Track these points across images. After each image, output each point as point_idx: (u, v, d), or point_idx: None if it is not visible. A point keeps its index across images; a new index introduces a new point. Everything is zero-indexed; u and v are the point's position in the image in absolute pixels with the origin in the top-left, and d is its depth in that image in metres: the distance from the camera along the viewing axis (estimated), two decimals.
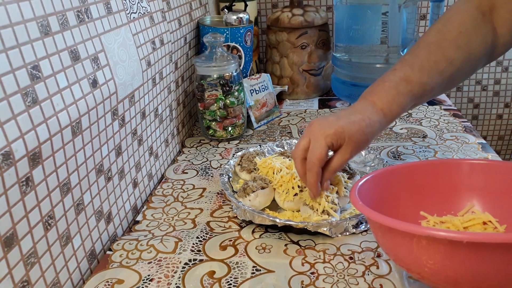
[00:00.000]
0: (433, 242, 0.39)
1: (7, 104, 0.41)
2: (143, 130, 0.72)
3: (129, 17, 0.67)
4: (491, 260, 0.38)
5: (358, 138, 0.56)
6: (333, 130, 0.55)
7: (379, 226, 0.45)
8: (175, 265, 0.55)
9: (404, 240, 0.42)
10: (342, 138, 0.56)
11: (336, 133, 0.55)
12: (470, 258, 0.39)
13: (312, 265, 0.54)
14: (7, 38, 0.42)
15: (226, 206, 0.69)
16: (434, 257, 0.40)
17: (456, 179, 0.56)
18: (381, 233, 0.46)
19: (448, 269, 0.40)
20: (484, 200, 0.54)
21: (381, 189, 0.54)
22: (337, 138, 0.56)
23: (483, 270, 0.39)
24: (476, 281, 0.40)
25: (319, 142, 0.55)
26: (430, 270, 0.41)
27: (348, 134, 0.55)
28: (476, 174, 0.55)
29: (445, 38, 0.61)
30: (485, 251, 0.38)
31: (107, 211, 0.61)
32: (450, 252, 0.39)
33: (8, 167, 0.41)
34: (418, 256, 0.41)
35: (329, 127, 0.56)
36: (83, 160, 0.54)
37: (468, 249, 0.38)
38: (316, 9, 1.13)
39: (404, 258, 0.44)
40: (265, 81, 1.02)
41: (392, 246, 0.45)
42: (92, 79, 0.55)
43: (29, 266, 0.45)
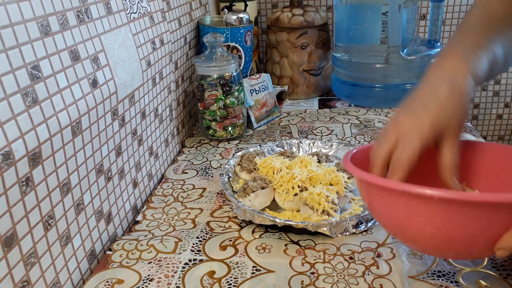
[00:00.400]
0: (417, 200, 0.41)
1: (7, 104, 0.41)
2: (143, 130, 0.72)
3: (129, 17, 0.67)
4: (469, 218, 0.40)
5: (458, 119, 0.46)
6: (428, 125, 0.45)
7: (372, 188, 0.45)
8: (175, 265, 0.55)
9: (393, 199, 0.43)
10: (442, 129, 0.46)
11: (434, 128, 0.45)
12: (448, 216, 0.40)
13: (312, 265, 0.54)
14: (7, 38, 0.42)
15: (226, 206, 0.69)
16: (416, 215, 0.42)
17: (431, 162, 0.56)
18: (375, 197, 0.46)
19: (435, 229, 0.41)
20: (473, 179, 0.55)
21: None
22: (435, 133, 0.45)
23: (465, 228, 0.40)
24: (464, 239, 0.41)
25: (412, 141, 0.45)
26: (427, 232, 0.42)
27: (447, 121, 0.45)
28: (466, 154, 0.54)
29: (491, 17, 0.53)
30: (458, 209, 0.39)
31: (107, 211, 0.61)
32: (431, 209, 0.40)
33: (8, 167, 0.41)
34: (410, 216, 0.42)
35: (422, 122, 0.45)
36: (83, 160, 0.54)
37: (445, 207, 0.40)
38: (316, 9, 1.13)
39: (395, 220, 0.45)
40: (265, 81, 1.02)
41: (386, 211, 0.46)
42: (92, 79, 0.55)
43: (29, 266, 0.45)
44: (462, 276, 0.51)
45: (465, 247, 0.43)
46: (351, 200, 0.66)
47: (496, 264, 0.52)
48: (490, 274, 0.51)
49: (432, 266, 0.53)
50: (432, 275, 0.51)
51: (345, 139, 0.89)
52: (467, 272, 0.51)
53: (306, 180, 0.65)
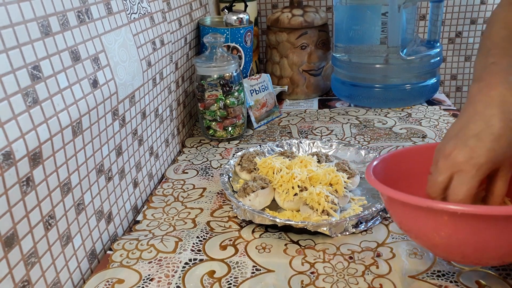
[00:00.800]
0: (442, 215, 0.43)
1: (8, 104, 0.41)
2: (144, 130, 0.72)
3: (129, 18, 0.67)
4: (490, 231, 0.42)
5: (511, 149, 0.44)
6: (485, 158, 0.43)
7: (400, 205, 0.47)
8: (175, 264, 0.55)
9: (426, 217, 0.45)
10: (497, 163, 0.44)
11: (490, 161, 0.44)
12: (471, 229, 0.42)
13: (312, 264, 0.54)
14: (8, 38, 0.42)
15: (226, 206, 0.69)
16: (445, 229, 0.44)
17: None
18: (402, 212, 0.48)
19: (458, 241, 0.44)
20: None
21: (394, 170, 0.55)
22: (492, 166, 0.44)
23: (485, 241, 0.42)
24: (480, 252, 0.44)
25: (469, 176, 0.44)
26: (442, 241, 0.44)
27: (502, 153, 0.44)
28: None
29: None
30: (483, 223, 0.41)
31: (107, 211, 0.61)
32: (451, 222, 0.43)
33: (8, 167, 0.41)
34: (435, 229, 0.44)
35: (478, 154, 0.44)
36: (83, 160, 0.54)
37: (469, 221, 0.42)
38: (316, 9, 1.13)
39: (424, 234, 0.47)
40: (265, 81, 1.02)
41: (416, 226, 0.48)
42: (92, 79, 0.55)
43: (29, 266, 0.45)
44: (461, 275, 0.51)
45: (478, 257, 0.45)
46: (350, 200, 0.66)
47: None
48: (489, 274, 0.51)
49: (432, 266, 0.53)
50: (432, 274, 0.51)
51: (345, 139, 0.89)
52: (467, 272, 0.52)
53: (306, 180, 0.65)
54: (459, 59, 1.43)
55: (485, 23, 1.34)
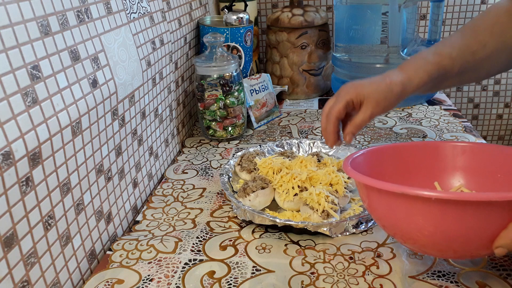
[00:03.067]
0: (412, 201, 0.42)
1: (7, 104, 0.41)
2: (143, 130, 0.72)
3: (129, 17, 0.67)
4: (463, 218, 0.41)
5: (376, 96, 0.60)
6: (353, 89, 0.61)
7: (371, 190, 0.47)
8: (175, 265, 0.55)
9: (392, 201, 0.44)
10: (362, 95, 0.61)
11: (355, 92, 0.61)
12: (445, 216, 0.41)
13: (312, 265, 0.54)
14: (7, 38, 0.42)
15: (226, 206, 0.69)
16: (415, 216, 0.43)
17: (444, 160, 0.57)
18: (374, 199, 0.47)
19: (433, 228, 0.43)
20: (471, 179, 0.56)
21: (371, 167, 0.55)
22: (355, 96, 0.61)
23: (460, 228, 0.41)
24: (458, 239, 0.42)
25: (340, 98, 0.62)
26: (423, 233, 0.44)
27: (367, 91, 0.61)
28: (464, 155, 0.56)
29: (480, 24, 0.64)
30: (455, 209, 0.41)
31: (107, 211, 0.61)
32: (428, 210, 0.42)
33: (8, 167, 0.41)
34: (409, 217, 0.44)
35: (351, 86, 0.62)
36: (83, 160, 0.54)
37: (441, 207, 0.41)
38: (316, 9, 1.13)
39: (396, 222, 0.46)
40: (265, 81, 1.02)
41: (386, 213, 0.47)
42: (92, 79, 0.55)
43: (29, 266, 0.45)
44: (462, 276, 0.51)
45: (463, 246, 0.43)
46: (351, 200, 0.66)
47: (496, 264, 0.52)
48: (490, 274, 0.51)
49: (432, 266, 0.53)
50: (432, 275, 0.51)
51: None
52: (467, 272, 0.51)
53: (306, 180, 0.65)
54: None
55: None
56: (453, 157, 0.57)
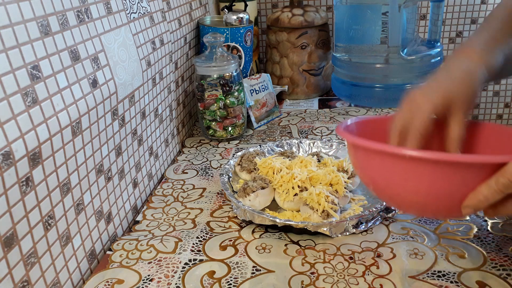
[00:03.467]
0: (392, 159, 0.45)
1: (7, 104, 0.41)
2: (143, 130, 0.72)
3: (129, 17, 0.67)
4: (439, 176, 0.43)
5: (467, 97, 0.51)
6: (440, 95, 0.50)
7: (361, 151, 0.49)
8: (175, 265, 0.55)
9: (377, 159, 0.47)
10: (450, 101, 0.51)
11: (443, 97, 0.50)
12: (422, 174, 0.44)
13: (312, 265, 0.54)
14: (7, 38, 0.42)
15: (226, 206, 0.69)
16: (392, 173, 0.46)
17: (435, 135, 0.56)
18: (360, 159, 0.50)
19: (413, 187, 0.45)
20: None
21: (363, 135, 0.54)
22: (444, 102, 0.50)
23: (436, 185, 0.44)
24: (436, 197, 0.45)
25: (424, 108, 0.50)
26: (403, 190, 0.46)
27: (456, 95, 0.51)
28: None
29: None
30: (431, 168, 0.43)
31: (107, 211, 0.61)
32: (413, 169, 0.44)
33: (8, 167, 0.41)
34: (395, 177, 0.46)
35: (434, 92, 0.51)
36: (83, 160, 0.54)
37: (419, 166, 0.43)
38: (316, 9, 1.13)
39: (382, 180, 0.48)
40: (265, 81, 1.02)
41: (370, 171, 0.49)
42: (92, 79, 0.55)
43: (29, 266, 0.45)
44: (462, 276, 0.51)
45: (438, 205, 0.46)
46: (351, 200, 0.66)
47: (496, 264, 0.52)
48: (490, 274, 0.51)
49: (432, 266, 0.53)
50: (432, 275, 0.51)
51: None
52: (467, 272, 0.51)
53: (306, 180, 0.65)
54: None
55: None
56: (444, 132, 0.56)
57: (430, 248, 0.56)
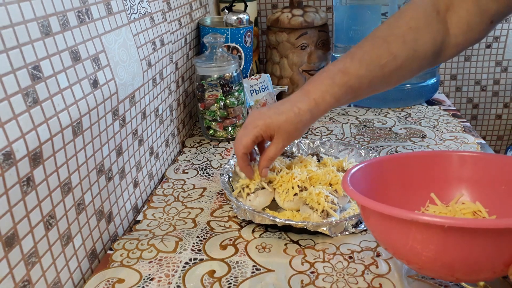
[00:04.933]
0: (420, 227, 0.40)
1: (8, 104, 0.41)
2: (144, 130, 0.72)
3: (129, 18, 0.67)
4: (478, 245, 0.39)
5: (287, 127, 0.59)
6: (262, 121, 0.60)
7: (372, 214, 0.45)
8: (175, 264, 0.56)
9: (398, 227, 0.42)
10: (271, 129, 0.60)
11: (264, 124, 0.60)
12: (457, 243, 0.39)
13: (312, 264, 0.54)
14: (8, 39, 0.42)
15: (226, 205, 0.69)
16: (425, 242, 0.40)
17: (446, 170, 0.56)
18: (374, 221, 0.45)
19: (441, 255, 0.40)
20: (473, 190, 0.54)
21: (372, 179, 0.53)
22: (265, 129, 0.60)
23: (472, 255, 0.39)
24: (469, 266, 0.40)
25: (247, 131, 0.60)
26: (425, 257, 0.41)
27: (277, 124, 0.59)
28: (466, 165, 0.55)
29: (393, 32, 0.60)
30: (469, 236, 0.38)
31: (107, 211, 0.61)
32: (438, 237, 0.39)
33: (9, 167, 0.41)
34: (411, 243, 0.41)
35: (259, 118, 0.60)
36: (84, 160, 0.54)
37: (453, 234, 0.38)
38: (316, 9, 1.13)
39: (400, 248, 0.44)
40: (265, 82, 1.02)
41: (386, 235, 0.45)
42: (92, 79, 0.55)
43: (30, 265, 0.45)
44: None
45: (469, 273, 0.42)
46: (350, 200, 0.66)
47: None
48: None
49: None
50: None
51: (345, 139, 0.89)
52: None
53: (306, 180, 0.65)
54: (458, 59, 1.43)
55: None
56: (455, 167, 0.55)
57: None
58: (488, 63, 1.43)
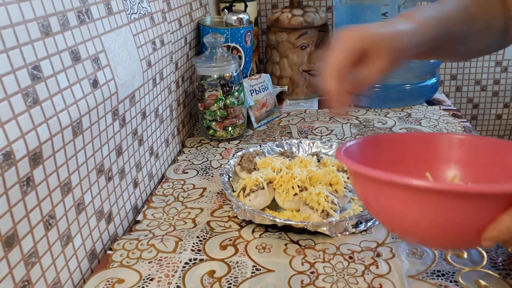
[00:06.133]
0: (400, 190, 0.42)
1: (8, 104, 0.41)
2: (144, 130, 0.72)
3: (129, 18, 0.67)
4: (453, 209, 0.40)
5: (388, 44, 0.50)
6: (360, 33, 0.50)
7: (359, 178, 0.46)
8: (175, 264, 0.55)
9: (387, 191, 0.43)
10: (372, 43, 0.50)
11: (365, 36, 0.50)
12: (434, 206, 0.41)
13: (312, 264, 0.54)
14: (8, 38, 0.42)
15: (226, 206, 0.69)
16: (405, 205, 0.43)
17: (441, 151, 0.56)
18: (361, 187, 0.47)
19: (419, 219, 0.42)
20: (467, 172, 0.54)
21: (366, 155, 0.53)
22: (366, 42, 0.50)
23: (449, 219, 0.41)
24: (446, 230, 0.42)
25: (344, 45, 0.50)
26: (408, 223, 0.43)
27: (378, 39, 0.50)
28: (462, 148, 0.55)
29: None
30: (444, 199, 0.40)
31: (107, 211, 0.61)
32: (416, 199, 0.41)
33: (8, 167, 0.41)
34: (394, 207, 0.44)
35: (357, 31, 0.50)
36: (83, 160, 0.54)
37: (430, 197, 0.40)
38: (316, 9, 1.13)
39: (383, 212, 0.46)
40: (265, 82, 1.02)
41: (373, 200, 0.46)
42: (92, 79, 0.55)
43: (29, 265, 0.45)
44: (461, 275, 0.51)
45: (458, 237, 0.43)
46: (350, 200, 0.66)
47: (496, 264, 0.53)
48: (489, 274, 0.51)
49: (432, 265, 0.53)
50: (432, 274, 0.51)
51: (345, 139, 0.89)
52: (467, 271, 0.52)
53: (306, 180, 0.65)
54: None
55: None
56: (449, 149, 0.56)
57: (429, 248, 0.56)
58: (488, 63, 1.43)
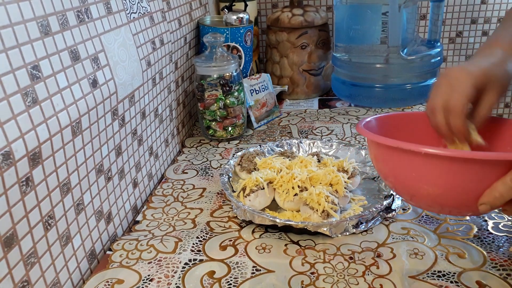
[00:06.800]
0: (405, 155, 0.47)
1: (7, 104, 0.41)
2: (143, 130, 0.72)
3: (129, 17, 0.67)
4: (450, 173, 0.45)
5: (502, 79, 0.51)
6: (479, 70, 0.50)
7: (384, 149, 0.50)
8: (175, 265, 0.55)
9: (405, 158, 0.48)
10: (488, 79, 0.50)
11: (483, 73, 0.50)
12: (436, 170, 0.46)
13: (312, 265, 0.54)
14: (7, 38, 0.42)
15: (226, 206, 0.69)
16: (408, 169, 0.48)
17: None
18: (385, 156, 0.51)
19: (423, 182, 0.47)
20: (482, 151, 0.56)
21: (386, 130, 0.57)
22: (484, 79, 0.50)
23: (448, 183, 0.45)
24: (451, 195, 0.47)
25: (464, 83, 0.50)
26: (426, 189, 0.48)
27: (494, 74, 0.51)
28: None
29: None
30: (442, 163, 0.45)
31: (107, 211, 0.61)
32: (418, 163, 0.46)
33: (8, 167, 0.41)
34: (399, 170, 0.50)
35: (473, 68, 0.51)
36: (83, 160, 0.54)
37: (433, 162, 0.45)
38: (316, 9, 1.13)
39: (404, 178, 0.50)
40: (265, 81, 1.02)
41: (392, 166, 0.51)
42: (92, 79, 0.55)
43: (29, 266, 0.45)
44: (462, 276, 0.51)
45: (454, 201, 0.47)
46: (351, 200, 0.66)
47: (496, 264, 0.52)
48: (490, 274, 0.51)
49: (432, 266, 0.53)
50: (432, 275, 0.51)
51: (345, 139, 0.89)
52: (467, 272, 0.51)
53: (306, 180, 0.65)
54: (459, 59, 1.43)
55: (485, 22, 1.34)
56: None
57: (430, 248, 0.56)
58: None
